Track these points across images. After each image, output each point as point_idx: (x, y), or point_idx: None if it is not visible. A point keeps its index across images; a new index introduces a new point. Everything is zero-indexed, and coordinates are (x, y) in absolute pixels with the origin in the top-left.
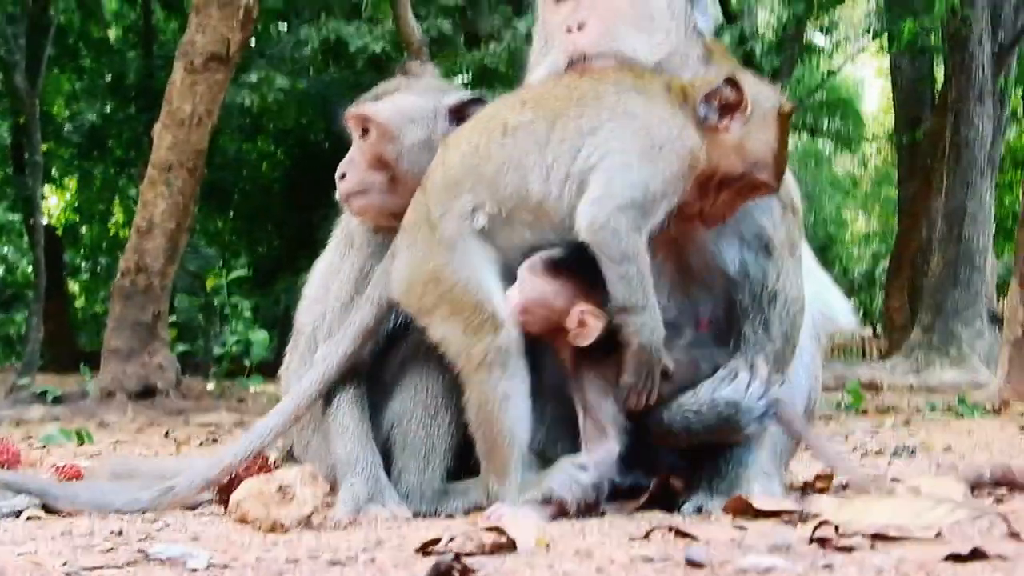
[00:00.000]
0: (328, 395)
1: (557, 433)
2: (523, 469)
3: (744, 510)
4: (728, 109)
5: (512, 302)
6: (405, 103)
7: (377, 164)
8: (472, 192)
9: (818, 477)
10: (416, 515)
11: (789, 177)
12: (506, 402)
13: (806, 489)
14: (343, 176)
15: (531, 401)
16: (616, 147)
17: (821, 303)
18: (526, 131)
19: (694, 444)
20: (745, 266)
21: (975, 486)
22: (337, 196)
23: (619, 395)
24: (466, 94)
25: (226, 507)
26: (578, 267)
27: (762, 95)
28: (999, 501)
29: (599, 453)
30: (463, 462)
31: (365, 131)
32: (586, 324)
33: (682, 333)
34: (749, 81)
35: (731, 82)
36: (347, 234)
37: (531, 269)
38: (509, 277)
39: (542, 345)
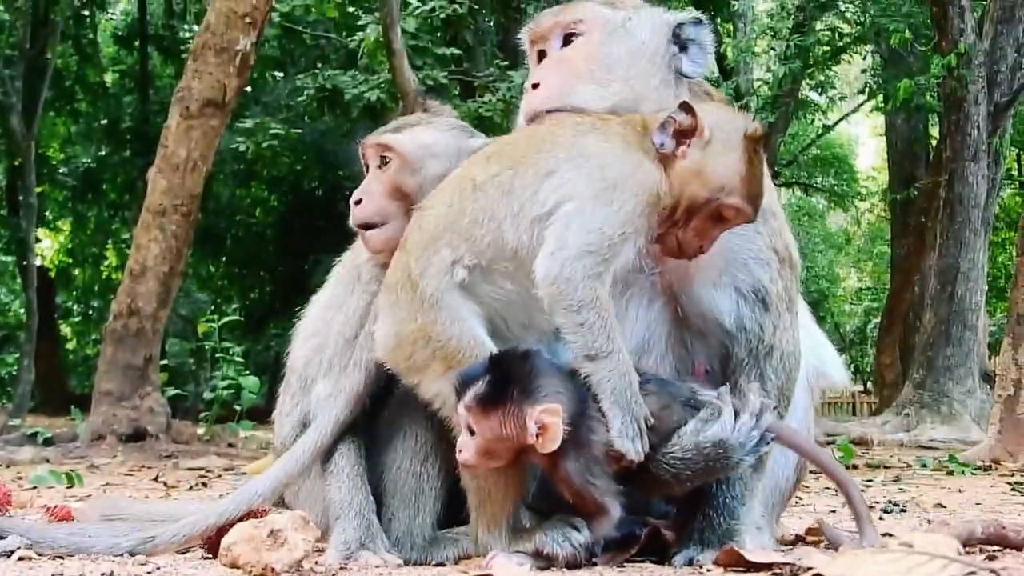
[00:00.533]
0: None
1: (549, 485)
2: (514, 521)
3: (736, 563)
4: (684, 135)
5: (467, 456)
6: (428, 137)
7: (395, 194)
8: (450, 246)
9: (809, 531)
10: (407, 562)
11: (787, 231)
12: None
13: (797, 542)
14: (358, 202)
15: None
16: (570, 191)
17: (815, 358)
18: (493, 183)
19: (688, 489)
20: (741, 319)
21: (966, 543)
22: (351, 222)
23: (605, 464)
24: (485, 139)
25: (215, 552)
26: (508, 378)
27: (723, 119)
28: (991, 558)
29: (599, 523)
30: (453, 511)
31: (384, 161)
32: (547, 426)
33: (674, 383)
34: (710, 108)
35: (684, 107)
36: (354, 268)
37: (469, 412)
38: (493, 331)
39: None
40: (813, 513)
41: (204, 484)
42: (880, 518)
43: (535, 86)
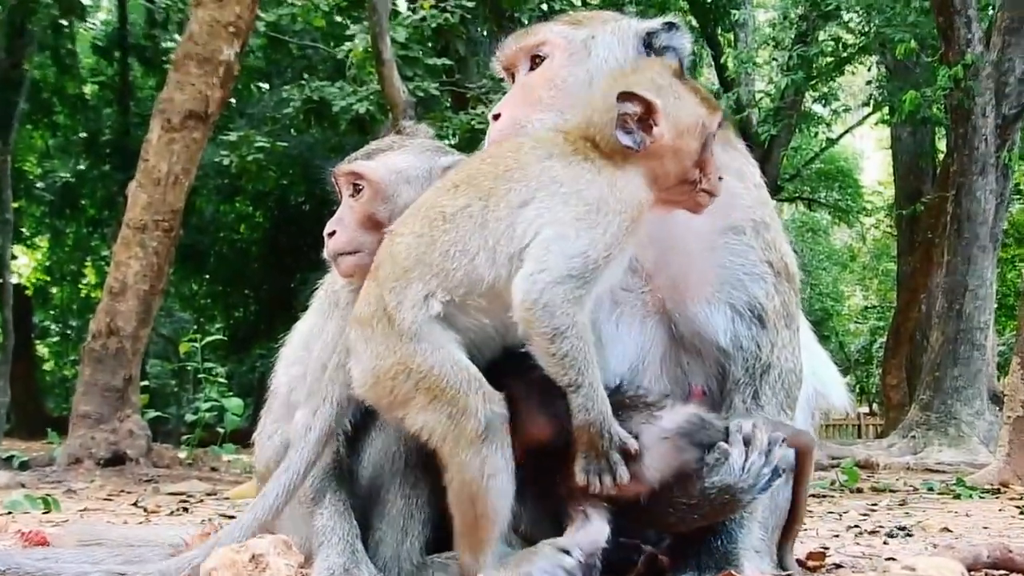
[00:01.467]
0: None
1: (537, 513)
2: (501, 548)
3: None
4: (645, 119)
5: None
6: (400, 163)
7: (368, 224)
8: (422, 280)
9: (810, 555)
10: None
11: (783, 242)
12: (492, 480)
13: (798, 567)
14: (332, 234)
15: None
16: (549, 218)
17: (815, 379)
18: (464, 215)
19: (695, 527)
20: (738, 338)
21: (972, 567)
22: (325, 254)
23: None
24: (461, 157)
25: None
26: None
27: (651, 73)
28: None
29: (585, 536)
30: (443, 535)
31: (357, 189)
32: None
33: (663, 408)
34: (631, 78)
35: (624, 96)
36: (332, 295)
37: None
38: (471, 359)
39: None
40: (815, 537)
41: (185, 509)
42: (885, 542)
43: (496, 116)
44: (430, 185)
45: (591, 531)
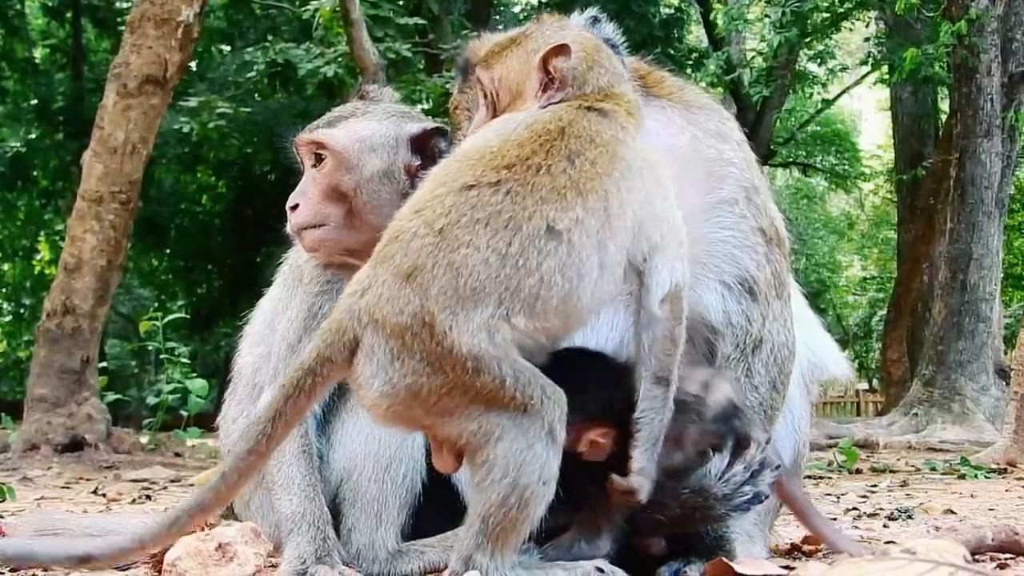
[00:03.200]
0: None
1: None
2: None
3: (724, 574)
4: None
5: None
6: (364, 130)
7: (332, 195)
8: (496, 305)
9: (806, 539)
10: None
11: (772, 207)
12: (546, 485)
13: (792, 552)
14: (295, 208)
15: None
16: (660, 206)
17: (810, 353)
18: (580, 230)
19: (663, 533)
20: (728, 314)
21: (976, 550)
22: (288, 229)
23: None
24: (429, 123)
25: (160, 567)
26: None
27: (541, 26)
28: (1002, 567)
29: (590, 550)
30: (418, 520)
31: (320, 159)
32: (597, 442)
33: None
34: (536, 32)
35: (554, 50)
36: (295, 269)
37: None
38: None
39: None
40: None
41: (148, 497)
42: (885, 525)
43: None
44: (397, 153)
45: (598, 546)
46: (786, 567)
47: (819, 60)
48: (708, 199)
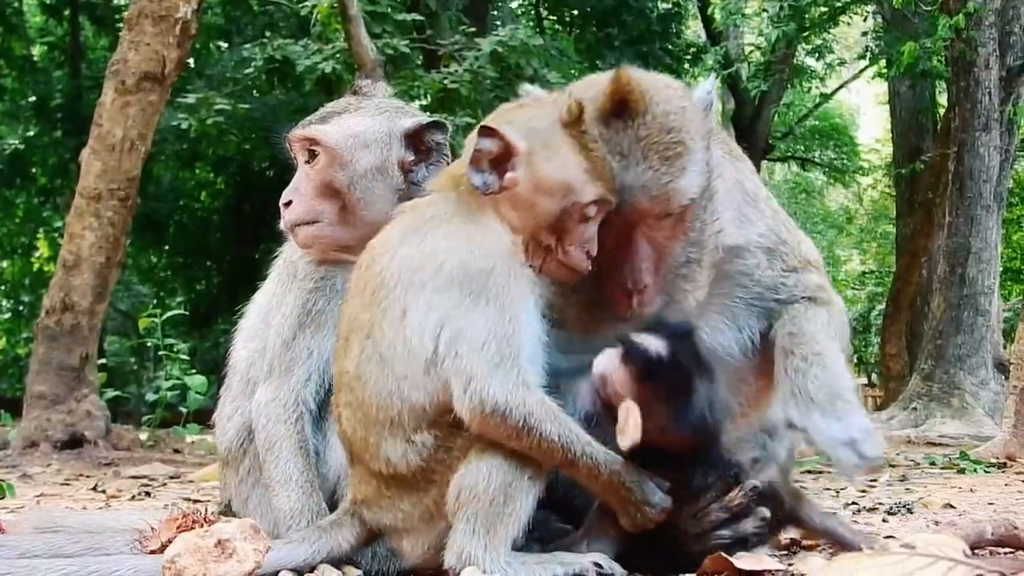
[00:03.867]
0: (270, 449)
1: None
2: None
3: (723, 569)
4: (501, 161)
5: (633, 433)
6: (357, 125)
7: (326, 192)
8: (395, 430)
9: (805, 534)
10: (367, 574)
11: (788, 231)
12: (531, 480)
13: (792, 547)
14: (288, 204)
15: None
16: (438, 316)
17: None
18: (365, 364)
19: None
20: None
21: (975, 545)
22: (281, 225)
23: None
24: (423, 117)
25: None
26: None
27: (534, 119)
28: (1003, 562)
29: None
30: None
31: (313, 155)
32: (626, 429)
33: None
34: (514, 113)
35: (484, 131)
36: (290, 264)
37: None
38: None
39: None
40: None
41: (147, 494)
42: (884, 520)
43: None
44: (391, 149)
45: (603, 549)
46: (786, 562)
47: (817, 54)
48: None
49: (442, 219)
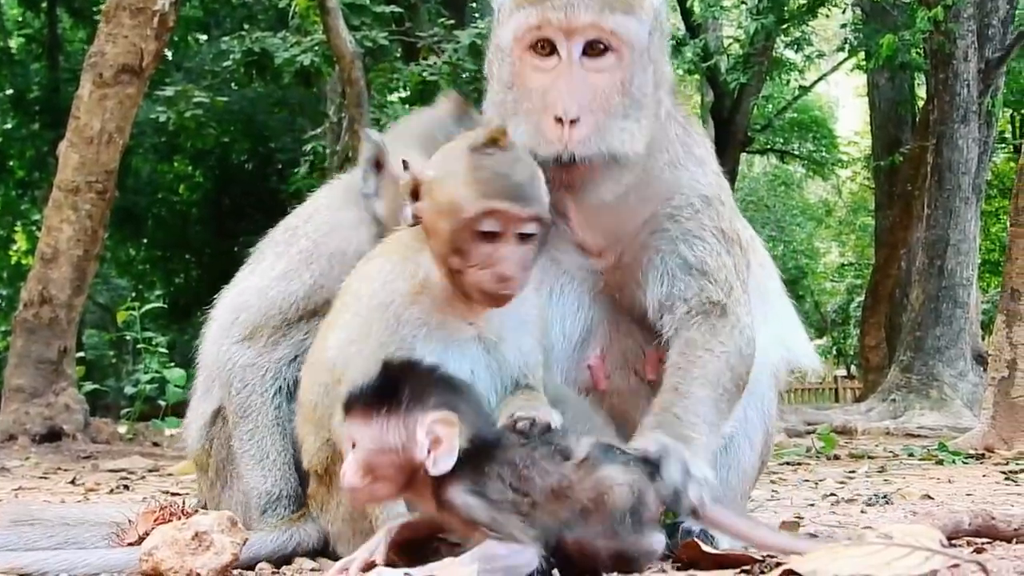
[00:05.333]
0: (245, 417)
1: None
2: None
3: (698, 558)
4: (415, 194)
5: (350, 477)
6: None
7: None
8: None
9: (783, 525)
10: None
11: (736, 218)
12: None
13: None
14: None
15: None
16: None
17: (779, 341)
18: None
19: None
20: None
21: (953, 535)
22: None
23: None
24: None
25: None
26: (399, 383)
27: (450, 148)
28: (979, 551)
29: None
30: None
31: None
32: (439, 438)
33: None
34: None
35: (404, 163)
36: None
37: (350, 420)
38: None
39: None
40: (790, 507)
41: (126, 487)
42: (863, 511)
43: (572, 122)
44: None
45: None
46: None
47: (796, 47)
48: (663, 208)
49: (391, 248)
